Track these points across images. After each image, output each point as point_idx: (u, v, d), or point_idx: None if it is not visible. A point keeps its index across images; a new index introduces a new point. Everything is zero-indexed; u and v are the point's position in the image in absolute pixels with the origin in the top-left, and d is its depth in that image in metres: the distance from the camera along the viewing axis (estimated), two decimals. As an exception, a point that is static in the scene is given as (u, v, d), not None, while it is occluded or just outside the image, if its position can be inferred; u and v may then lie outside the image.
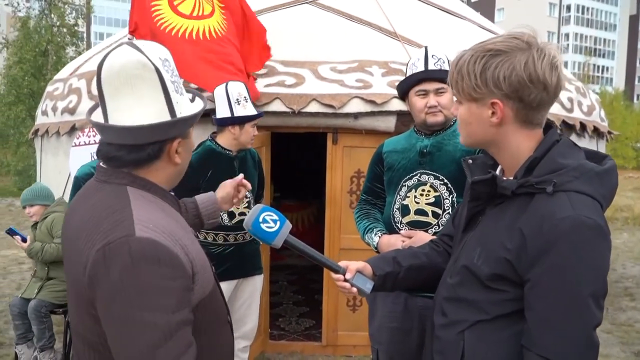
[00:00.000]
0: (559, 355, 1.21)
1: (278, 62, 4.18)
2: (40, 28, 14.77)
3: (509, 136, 1.36)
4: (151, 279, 1.17)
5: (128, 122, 1.26)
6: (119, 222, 1.21)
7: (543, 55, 1.28)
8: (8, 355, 4.24)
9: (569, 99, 4.76)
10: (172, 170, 1.39)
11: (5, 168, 14.88)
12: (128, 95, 1.26)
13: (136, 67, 1.25)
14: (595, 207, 1.26)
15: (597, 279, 1.22)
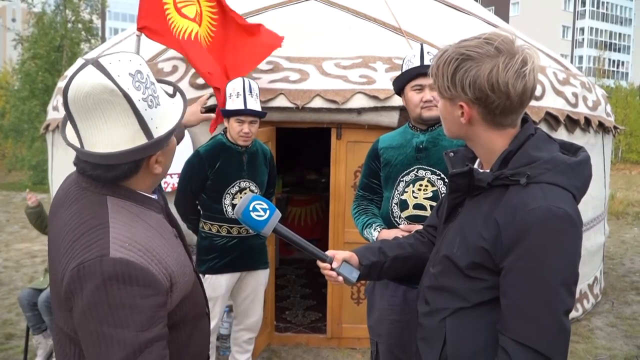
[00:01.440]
0: (531, 340, 1.26)
1: (283, 58, 4.23)
2: (55, 24, 14.92)
3: (481, 134, 1.43)
4: (122, 298, 1.20)
5: (101, 148, 1.26)
6: (95, 241, 1.24)
7: (510, 64, 1.31)
8: (19, 346, 4.35)
9: (574, 94, 4.76)
10: (152, 178, 1.42)
11: (20, 162, 15.05)
12: (99, 119, 1.24)
13: (103, 92, 1.21)
14: (567, 198, 1.32)
15: (567, 267, 1.28)
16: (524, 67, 1.32)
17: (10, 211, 11.04)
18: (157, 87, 1.35)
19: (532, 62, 1.34)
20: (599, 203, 5.42)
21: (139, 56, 1.32)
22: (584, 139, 4.89)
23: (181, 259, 1.42)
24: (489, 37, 1.35)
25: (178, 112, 1.38)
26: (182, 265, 1.40)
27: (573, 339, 4.64)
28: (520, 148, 1.38)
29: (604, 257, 6.18)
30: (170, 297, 1.33)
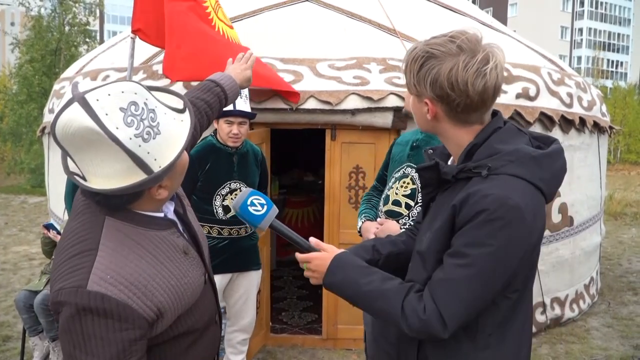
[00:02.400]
0: (442, 304, 1.34)
1: (277, 60, 4.24)
2: (51, 27, 14.95)
3: (448, 130, 1.45)
4: (95, 329, 1.21)
5: (98, 181, 1.23)
6: (78, 268, 1.24)
7: (470, 63, 1.33)
8: (15, 348, 4.36)
9: (568, 94, 4.77)
10: (157, 202, 1.38)
11: (18, 166, 15.08)
12: (91, 154, 1.20)
13: (90, 134, 1.16)
14: (526, 189, 1.34)
15: (503, 258, 1.31)
16: (485, 66, 1.33)
17: (8, 214, 11.05)
18: (159, 111, 1.27)
19: (495, 60, 1.35)
20: (595, 203, 5.43)
21: (135, 83, 1.25)
22: (579, 139, 4.90)
23: (184, 281, 1.39)
24: (453, 35, 1.37)
25: (185, 132, 1.31)
26: (182, 288, 1.37)
27: (569, 339, 4.65)
28: (485, 141, 1.40)
29: (601, 258, 6.19)
30: (158, 322, 1.32)
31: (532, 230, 1.33)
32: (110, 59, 4.91)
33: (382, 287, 1.44)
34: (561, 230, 4.81)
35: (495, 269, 1.32)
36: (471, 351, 1.42)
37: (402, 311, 1.39)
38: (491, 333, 1.41)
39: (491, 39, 4.96)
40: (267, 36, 4.51)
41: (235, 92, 1.96)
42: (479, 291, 1.33)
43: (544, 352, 4.41)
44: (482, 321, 1.41)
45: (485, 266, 1.31)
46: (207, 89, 1.88)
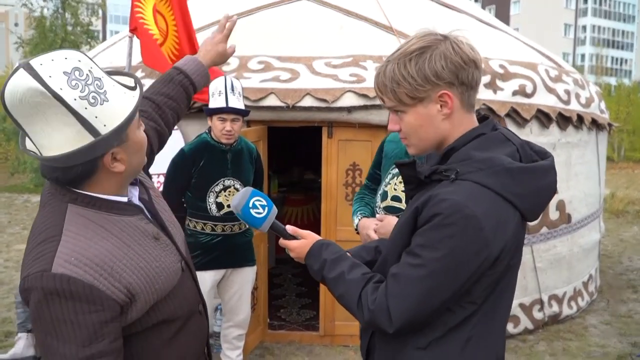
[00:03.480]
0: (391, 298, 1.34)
1: (274, 58, 4.27)
2: (54, 27, 15.02)
3: (457, 126, 1.40)
4: (64, 313, 1.21)
5: (48, 150, 1.24)
6: (41, 255, 1.24)
7: (460, 40, 1.37)
8: (17, 343, 4.39)
9: (566, 91, 4.77)
10: (118, 178, 1.36)
11: (22, 165, 15.15)
12: (40, 121, 1.21)
13: (34, 95, 1.17)
14: (491, 200, 1.30)
15: (454, 264, 1.29)
16: (470, 44, 1.38)
17: (12, 213, 11.11)
18: (106, 81, 1.28)
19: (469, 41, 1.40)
20: (594, 200, 5.43)
21: (80, 52, 1.27)
22: (577, 136, 4.90)
23: (155, 265, 1.39)
24: (422, 34, 1.38)
25: (133, 104, 1.31)
26: (153, 271, 1.37)
27: (566, 337, 4.66)
28: (464, 146, 1.38)
29: (600, 255, 6.19)
30: (132, 306, 1.32)
31: (489, 243, 1.28)
32: (109, 58, 4.94)
33: (346, 276, 1.45)
34: (559, 227, 4.81)
35: (445, 275, 1.30)
36: (412, 349, 1.41)
37: (359, 300, 1.41)
38: (439, 337, 1.38)
39: (487, 36, 4.95)
40: (264, 34, 4.54)
41: (203, 75, 1.89)
42: (427, 293, 1.31)
43: (541, 349, 4.42)
44: (432, 323, 1.39)
45: (434, 270, 1.30)
46: (168, 79, 1.84)
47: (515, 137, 1.43)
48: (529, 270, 4.64)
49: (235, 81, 3.35)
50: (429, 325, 1.39)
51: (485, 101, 4.27)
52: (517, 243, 1.38)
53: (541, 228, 4.67)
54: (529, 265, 4.63)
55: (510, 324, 4.57)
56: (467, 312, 1.37)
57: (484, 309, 1.39)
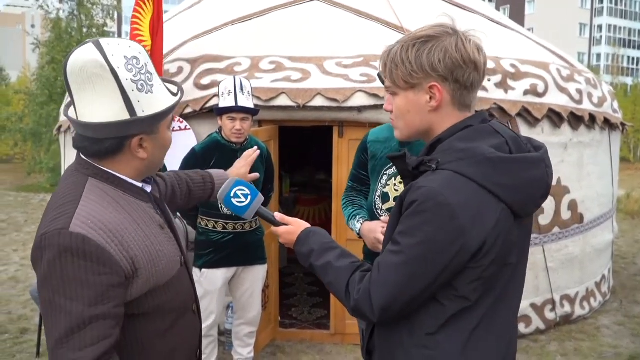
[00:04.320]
0: (373, 286, 1.36)
1: (285, 58, 4.30)
2: (70, 29, 15.20)
3: (445, 120, 1.41)
4: (75, 272, 1.27)
5: (88, 118, 1.36)
6: (61, 215, 1.32)
7: (468, 39, 1.37)
8: (32, 340, 4.48)
9: (578, 91, 4.75)
10: (138, 164, 1.46)
11: (38, 165, 15.36)
12: (90, 91, 1.34)
13: (94, 66, 1.31)
14: (469, 190, 1.29)
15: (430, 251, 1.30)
16: (480, 42, 1.38)
17: (28, 212, 11.29)
18: (156, 79, 1.43)
19: (479, 42, 1.39)
20: (606, 200, 5.40)
21: (142, 47, 1.42)
22: (589, 136, 4.88)
23: (158, 248, 1.46)
24: (436, 24, 1.41)
25: (171, 103, 1.45)
26: (156, 254, 1.44)
27: (578, 337, 4.64)
28: (450, 137, 1.39)
29: (614, 256, 6.14)
30: (133, 281, 1.38)
31: (465, 233, 1.28)
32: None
33: (335, 264, 1.47)
34: (571, 227, 4.79)
35: (421, 261, 1.30)
36: (409, 346, 1.41)
37: (347, 288, 1.43)
38: (432, 333, 1.38)
39: (499, 35, 4.96)
40: (276, 35, 4.58)
41: (221, 180, 2.09)
42: (406, 281, 1.32)
43: (552, 349, 4.40)
44: (423, 318, 1.38)
45: (411, 256, 1.31)
46: (196, 171, 2.08)
47: (508, 131, 1.42)
48: (541, 270, 4.62)
49: (244, 81, 3.39)
50: (419, 320, 1.39)
51: (496, 100, 4.27)
52: (506, 238, 1.34)
53: (553, 228, 4.65)
54: (540, 265, 4.61)
55: (522, 324, 4.56)
56: (457, 307, 1.36)
57: (481, 307, 1.37)
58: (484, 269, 1.33)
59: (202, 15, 5.20)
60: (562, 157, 4.66)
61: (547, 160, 1.41)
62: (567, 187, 4.71)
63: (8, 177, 17.96)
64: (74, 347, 1.25)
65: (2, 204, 12.33)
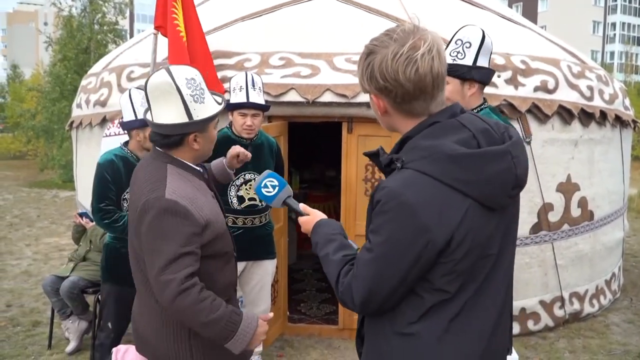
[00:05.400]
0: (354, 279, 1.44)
1: (295, 54, 4.32)
2: (82, 26, 15.31)
3: (399, 125, 1.47)
4: (170, 224, 1.88)
5: (161, 120, 1.98)
6: (156, 188, 1.94)
7: (399, 52, 1.33)
8: (44, 333, 4.54)
9: (589, 87, 4.72)
10: (194, 153, 2.07)
11: (51, 162, 15.51)
12: (162, 102, 1.98)
13: (167, 85, 1.96)
14: (429, 187, 1.32)
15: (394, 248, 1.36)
16: (415, 53, 1.32)
17: (40, 207, 11.41)
18: (207, 94, 2.03)
19: (427, 46, 1.33)
20: (617, 198, 5.37)
21: (196, 71, 2.03)
22: (600, 133, 4.85)
23: (215, 210, 2.08)
24: (390, 29, 1.39)
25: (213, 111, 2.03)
26: (216, 214, 2.05)
27: (587, 334, 4.62)
28: (417, 134, 1.41)
29: (625, 254, 6.11)
30: (204, 232, 1.95)
31: (429, 229, 1.31)
32: (135, 55, 5.06)
33: (332, 256, 1.53)
34: (580, 225, 4.77)
35: (388, 258, 1.35)
36: (391, 335, 1.45)
37: (337, 279, 1.50)
38: (413, 322, 1.42)
39: (509, 32, 4.92)
40: (286, 31, 4.60)
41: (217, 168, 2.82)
42: (377, 275, 1.37)
43: (561, 346, 4.39)
44: (404, 309, 1.43)
45: (379, 254, 1.37)
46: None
47: (478, 124, 1.41)
48: (550, 267, 4.61)
49: (255, 77, 3.41)
50: (401, 311, 1.43)
51: (506, 97, 4.26)
52: (479, 232, 1.36)
53: (562, 225, 4.64)
54: (550, 263, 4.60)
55: (531, 321, 4.56)
56: (436, 299, 1.39)
57: (461, 298, 1.40)
58: (455, 262, 1.36)
59: (213, 12, 5.23)
60: (573, 153, 4.63)
61: (515, 151, 1.40)
62: (577, 184, 4.69)
63: (21, 173, 18.16)
64: (171, 271, 1.85)
65: (15, 200, 12.48)
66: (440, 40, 1.39)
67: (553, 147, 4.51)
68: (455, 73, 2.32)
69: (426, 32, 1.37)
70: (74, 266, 4.32)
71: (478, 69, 2.31)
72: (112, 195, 3.33)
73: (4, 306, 5.34)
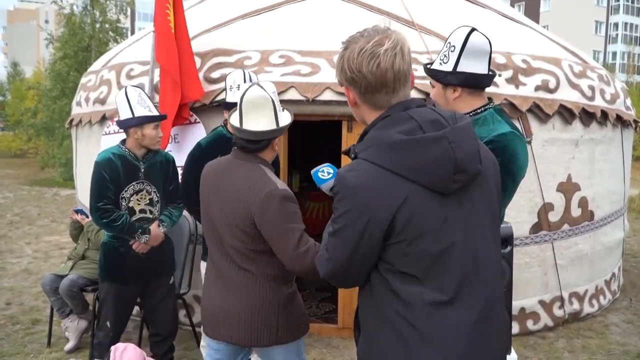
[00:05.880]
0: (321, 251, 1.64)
1: (295, 52, 4.31)
2: (83, 24, 15.31)
3: (366, 116, 1.62)
4: (290, 209, 2.29)
5: (253, 128, 2.35)
6: (267, 182, 2.30)
7: (365, 47, 1.49)
8: (43, 331, 4.54)
9: (590, 87, 4.71)
10: (273, 154, 2.48)
11: (52, 160, 15.53)
12: (257, 113, 2.35)
13: (261, 98, 2.36)
14: (373, 172, 1.47)
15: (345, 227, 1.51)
16: (379, 49, 1.48)
17: (41, 205, 11.42)
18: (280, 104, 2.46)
19: (391, 43, 1.48)
20: (617, 198, 5.35)
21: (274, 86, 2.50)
22: (600, 133, 4.84)
23: None
24: (365, 28, 1.55)
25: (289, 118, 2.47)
26: None
27: (586, 334, 4.61)
28: (373, 127, 1.55)
29: (625, 254, 6.10)
30: None
31: (369, 208, 1.46)
32: (134, 53, 5.05)
33: (325, 232, 1.66)
34: (581, 225, 4.76)
35: (340, 233, 1.53)
36: (377, 320, 1.58)
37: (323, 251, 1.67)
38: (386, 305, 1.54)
39: (510, 31, 4.88)
40: (286, 29, 4.59)
41: None
42: (334, 249, 1.56)
43: (560, 346, 4.38)
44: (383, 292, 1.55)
45: (335, 229, 1.55)
46: None
47: (427, 115, 1.52)
48: (550, 267, 4.60)
49: (252, 75, 3.40)
50: (382, 297, 1.55)
51: (507, 96, 4.25)
52: (428, 214, 1.47)
53: (563, 225, 4.63)
54: (549, 262, 4.59)
55: (530, 321, 4.55)
56: (404, 281, 1.50)
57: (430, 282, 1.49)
58: (408, 243, 1.47)
59: (213, 9, 5.22)
60: (573, 153, 4.62)
61: (453, 137, 1.48)
62: (577, 183, 4.68)
63: (22, 171, 18.18)
64: (303, 244, 2.25)
65: (15, 198, 12.49)
66: (407, 41, 1.53)
67: (554, 146, 4.50)
68: (435, 78, 2.37)
69: (393, 32, 1.52)
70: (73, 264, 4.32)
71: (456, 74, 2.29)
72: (110, 194, 3.32)
73: (3, 304, 5.35)
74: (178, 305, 4.44)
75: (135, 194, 3.43)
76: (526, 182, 4.40)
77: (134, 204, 3.44)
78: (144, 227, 3.45)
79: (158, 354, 3.72)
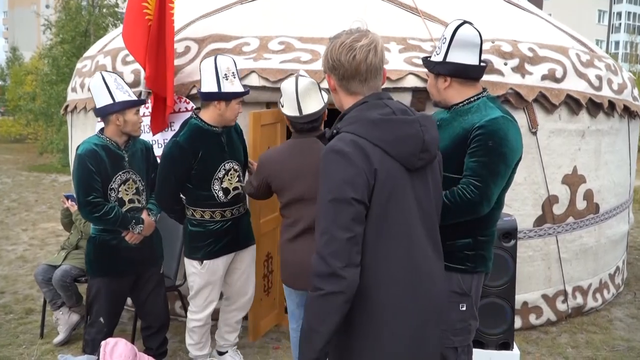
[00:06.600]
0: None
1: (295, 39, 4.19)
2: (81, 9, 15.13)
3: (344, 101, 1.89)
4: None
5: (311, 111, 2.85)
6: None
7: (345, 41, 1.78)
8: (37, 321, 4.47)
9: (597, 77, 4.58)
10: (321, 127, 2.92)
11: (50, 145, 15.40)
12: (308, 98, 2.85)
13: (312, 85, 2.89)
14: (356, 141, 1.72)
15: (335, 188, 1.68)
16: (356, 44, 1.77)
17: (39, 192, 11.33)
18: None
19: (367, 40, 1.78)
20: (623, 190, 5.25)
21: None
22: (607, 124, 4.72)
23: None
24: (350, 28, 1.84)
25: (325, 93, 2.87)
26: None
27: (590, 329, 4.53)
28: (351, 110, 1.83)
29: (629, 247, 6.01)
30: None
31: (355, 164, 1.68)
32: (131, 37, 4.91)
33: None
34: (585, 218, 4.66)
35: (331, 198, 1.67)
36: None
37: None
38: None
39: (516, 19, 4.75)
40: (285, 15, 4.47)
41: None
42: (331, 214, 1.67)
43: (563, 341, 4.30)
44: None
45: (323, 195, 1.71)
46: None
47: (398, 105, 1.84)
48: (554, 260, 4.51)
49: (230, 65, 3.23)
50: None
51: (513, 85, 4.13)
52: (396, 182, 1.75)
53: (567, 218, 4.53)
54: (553, 256, 4.50)
55: (533, 315, 4.47)
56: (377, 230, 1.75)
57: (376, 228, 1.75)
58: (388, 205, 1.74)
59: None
60: (579, 145, 4.51)
61: (423, 121, 1.84)
62: (583, 176, 4.57)
63: (21, 156, 18.07)
64: None
65: (14, 184, 12.40)
66: (381, 41, 1.83)
67: (559, 137, 4.39)
68: (427, 68, 2.52)
69: (372, 33, 1.82)
70: (66, 255, 4.23)
71: (445, 64, 2.41)
72: (98, 187, 3.19)
73: (-3, 293, 5.27)
74: (174, 297, 4.37)
75: (123, 183, 3.31)
76: (531, 174, 4.29)
77: (122, 194, 3.32)
78: (136, 217, 3.35)
79: (152, 347, 3.64)
